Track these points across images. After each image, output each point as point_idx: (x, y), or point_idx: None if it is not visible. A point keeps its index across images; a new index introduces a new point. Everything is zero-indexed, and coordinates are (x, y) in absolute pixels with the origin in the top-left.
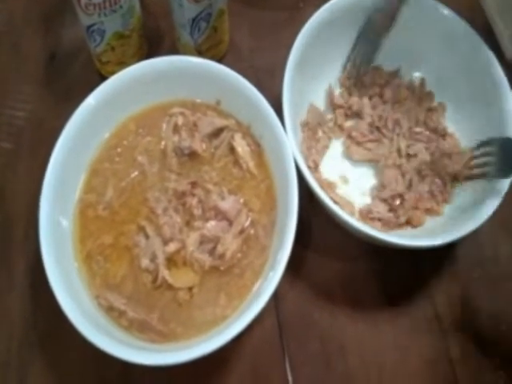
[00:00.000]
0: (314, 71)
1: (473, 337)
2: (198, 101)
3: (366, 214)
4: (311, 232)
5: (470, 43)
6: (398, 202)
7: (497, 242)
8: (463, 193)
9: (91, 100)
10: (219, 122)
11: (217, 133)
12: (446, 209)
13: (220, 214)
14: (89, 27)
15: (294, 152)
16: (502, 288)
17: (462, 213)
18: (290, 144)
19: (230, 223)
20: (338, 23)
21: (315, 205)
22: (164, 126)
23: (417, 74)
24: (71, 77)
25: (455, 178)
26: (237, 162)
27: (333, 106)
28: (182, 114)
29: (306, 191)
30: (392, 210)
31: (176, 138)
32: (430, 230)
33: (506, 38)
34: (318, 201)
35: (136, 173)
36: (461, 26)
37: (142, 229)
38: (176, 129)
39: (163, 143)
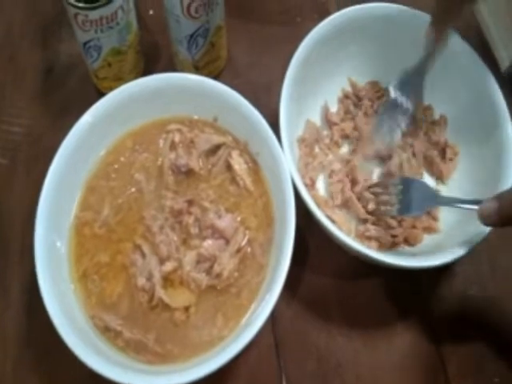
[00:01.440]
0: (312, 87)
1: (470, 355)
2: (196, 117)
3: (363, 233)
4: (308, 250)
5: (467, 59)
6: (395, 222)
7: (495, 257)
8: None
9: (88, 117)
10: (216, 138)
11: (214, 150)
12: (443, 225)
13: (217, 233)
14: (85, 43)
15: (291, 169)
16: (499, 305)
17: (459, 229)
18: (286, 161)
19: (227, 242)
20: (336, 39)
21: (312, 222)
22: (161, 142)
23: None
24: (68, 91)
25: None
26: (234, 180)
27: (328, 123)
28: (178, 130)
29: (303, 208)
30: (389, 228)
31: (173, 156)
32: (428, 248)
33: (502, 50)
34: (314, 219)
35: (133, 190)
36: (458, 43)
37: (138, 247)
38: (173, 146)
39: (160, 160)
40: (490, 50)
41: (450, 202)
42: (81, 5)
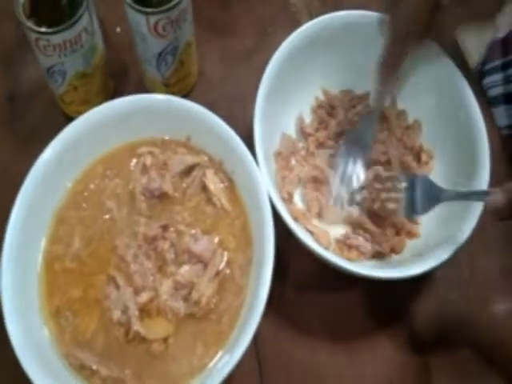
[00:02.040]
0: (286, 99)
1: (454, 360)
2: (168, 138)
3: (344, 241)
4: (289, 266)
5: (438, 62)
6: (377, 230)
7: (475, 261)
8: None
9: (54, 147)
10: (190, 159)
11: (188, 171)
12: (423, 229)
13: (194, 257)
14: (49, 68)
15: (267, 185)
16: (480, 311)
17: (439, 233)
18: (262, 178)
19: (205, 265)
20: (308, 49)
21: (292, 237)
22: (132, 166)
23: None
24: (34, 118)
25: None
26: (210, 200)
27: (304, 134)
28: (150, 153)
29: (282, 224)
30: (373, 238)
31: (145, 180)
32: (409, 255)
33: (471, 47)
34: (292, 233)
35: (104, 219)
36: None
37: (112, 279)
38: (145, 169)
39: (131, 185)
40: (459, 49)
41: (457, 197)
42: (42, 30)
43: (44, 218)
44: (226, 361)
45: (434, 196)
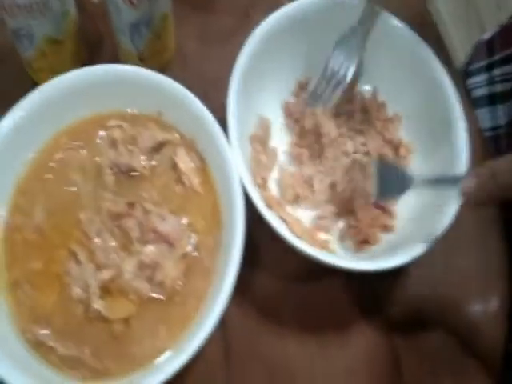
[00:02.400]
0: (263, 82)
1: (426, 357)
2: (138, 112)
3: (316, 227)
4: (259, 252)
5: (421, 55)
6: (352, 220)
7: (449, 257)
8: (412, 206)
9: (15, 114)
10: (161, 135)
11: (158, 147)
12: (399, 223)
13: (160, 237)
14: (15, 31)
15: (240, 169)
16: (454, 306)
17: (414, 228)
18: (235, 161)
19: (172, 246)
20: (288, 32)
21: (264, 222)
22: (100, 140)
23: (367, 87)
24: (0, 83)
25: None
26: (179, 179)
27: (290, 116)
28: (119, 127)
29: (255, 209)
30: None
31: (113, 154)
32: (383, 248)
33: (457, 46)
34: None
35: (68, 191)
36: (411, 38)
37: (73, 254)
38: (113, 143)
39: (98, 159)
40: (444, 48)
41: (427, 183)
42: None
43: (4, 188)
44: (190, 344)
45: (404, 182)
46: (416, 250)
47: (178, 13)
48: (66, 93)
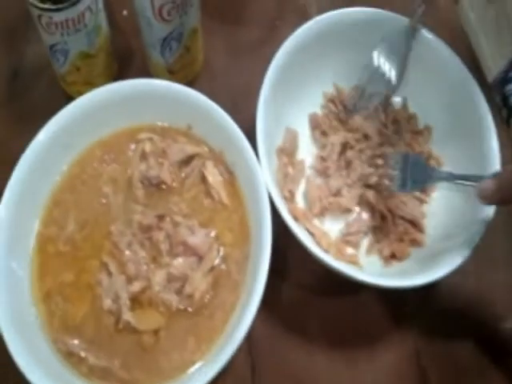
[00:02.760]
0: (291, 94)
1: (452, 372)
2: (168, 125)
3: (344, 237)
4: (287, 265)
5: (455, 71)
6: (380, 234)
7: (480, 271)
8: (442, 220)
9: (50, 128)
10: (190, 148)
11: (187, 160)
12: (429, 239)
13: (189, 250)
14: (51, 47)
15: (267, 182)
16: (484, 321)
17: (445, 243)
18: (262, 174)
19: (200, 259)
20: (317, 44)
21: (291, 235)
22: (131, 152)
23: (397, 99)
24: (35, 96)
25: None
26: (208, 192)
27: (317, 128)
28: (150, 140)
29: (283, 222)
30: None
31: (143, 167)
32: (413, 264)
33: (489, 60)
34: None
35: (100, 203)
36: (445, 52)
37: (104, 266)
38: (144, 156)
39: (129, 171)
40: (477, 61)
41: (449, 177)
42: (44, 6)
43: (38, 200)
44: (218, 357)
45: (426, 174)
46: (447, 267)
47: (206, 25)
48: (99, 106)
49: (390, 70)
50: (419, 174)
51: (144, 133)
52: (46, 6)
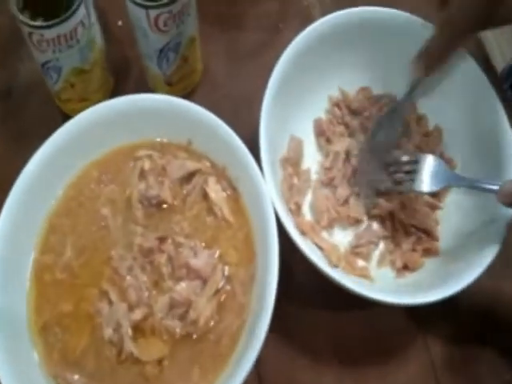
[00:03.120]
0: (296, 99)
1: None
2: (167, 141)
3: (354, 249)
4: (294, 280)
5: (467, 70)
6: (392, 244)
7: (498, 286)
8: (456, 227)
9: (45, 150)
10: (191, 165)
11: (188, 177)
12: (443, 247)
13: (192, 273)
14: (43, 64)
15: (273, 197)
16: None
17: (460, 252)
18: (267, 188)
19: (204, 282)
20: (320, 48)
21: (298, 250)
22: (129, 171)
23: None
24: (30, 115)
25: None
26: (211, 210)
27: (321, 135)
28: (149, 157)
29: (287, 235)
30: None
31: (142, 186)
32: (426, 276)
33: (498, 55)
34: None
35: (98, 227)
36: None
37: (104, 293)
38: (142, 175)
39: (128, 191)
40: (488, 58)
41: (467, 182)
42: (34, 23)
43: (33, 227)
44: None
45: (443, 175)
46: (464, 280)
47: (205, 32)
48: (94, 126)
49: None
50: (436, 175)
51: (142, 150)
52: (37, 23)
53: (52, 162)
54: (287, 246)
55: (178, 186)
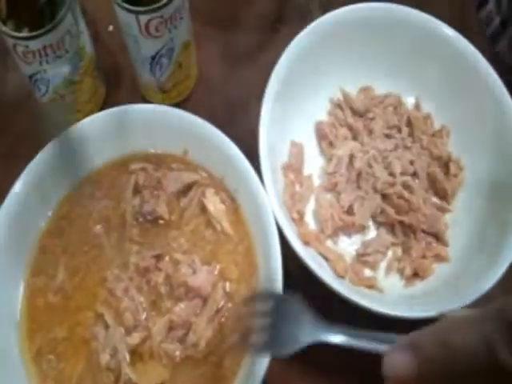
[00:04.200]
0: (296, 103)
1: None
2: (162, 152)
3: (360, 261)
4: (297, 293)
5: (472, 61)
6: (399, 251)
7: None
8: (468, 231)
9: (33, 167)
10: (188, 176)
11: (185, 190)
12: (453, 252)
13: (191, 292)
14: (31, 76)
15: (273, 206)
16: None
17: (471, 257)
18: (267, 198)
19: (204, 301)
20: (321, 47)
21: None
22: (123, 185)
23: (410, 99)
24: (18, 129)
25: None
26: (209, 223)
27: (323, 139)
28: (143, 170)
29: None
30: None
31: (137, 201)
32: (437, 284)
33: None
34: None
35: (91, 246)
36: (460, 43)
37: (100, 317)
38: (137, 189)
39: (122, 207)
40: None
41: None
42: (18, 34)
43: (23, 251)
44: None
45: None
46: (476, 290)
47: (199, 33)
48: (84, 141)
49: None
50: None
51: (136, 163)
52: (21, 34)
53: (40, 182)
54: (291, 257)
55: (175, 200)
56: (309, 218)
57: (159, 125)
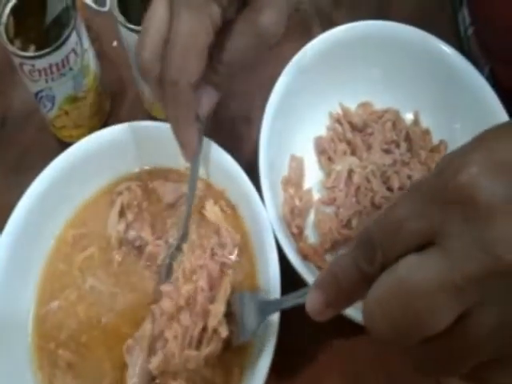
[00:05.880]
0: (296, 118)
1: None
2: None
3: None
4: (297, 309)
5: (469, 77)
6: None
7: None
8: None
9: (27, 201)
10: (186, 187)
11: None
12: None
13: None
14: (36, 94)
15: (272, 222)
16: None
17: None
18: (268, 215)
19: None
20: (322, 64)
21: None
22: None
23: (409, 115)
24: (24, 144)
25: None
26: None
27: (322, 154)
28: (128, 189)
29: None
30: None
31: (121, 227)
32: None
33: None
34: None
35: (88, 304)
36: (459, 60)
37: None
38: (122, 212)
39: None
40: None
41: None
42: (25, 54)
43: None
44: None
45: (263, 309)
46: None
47: None
48: (77, 167)
49: None
50: (257, 311)
51: (124, 183)
52: (27, 53)
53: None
54: (292, 271)
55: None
56: (308, 232)
57: (161, 141)
